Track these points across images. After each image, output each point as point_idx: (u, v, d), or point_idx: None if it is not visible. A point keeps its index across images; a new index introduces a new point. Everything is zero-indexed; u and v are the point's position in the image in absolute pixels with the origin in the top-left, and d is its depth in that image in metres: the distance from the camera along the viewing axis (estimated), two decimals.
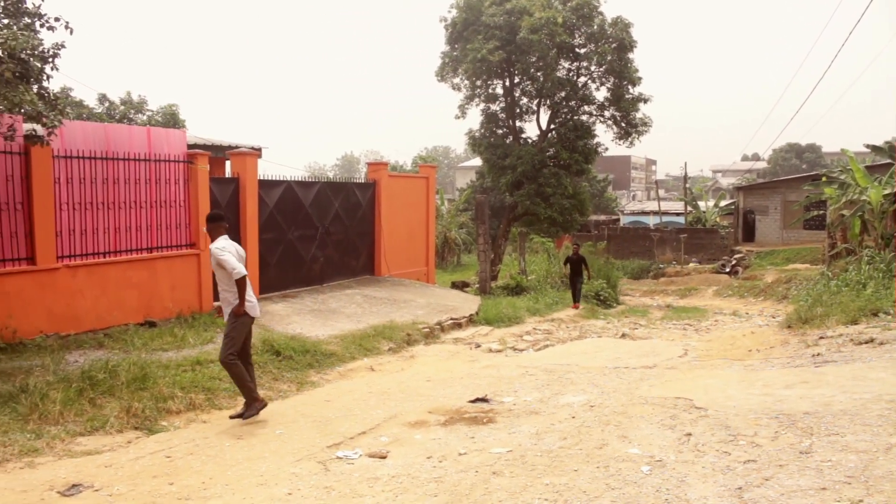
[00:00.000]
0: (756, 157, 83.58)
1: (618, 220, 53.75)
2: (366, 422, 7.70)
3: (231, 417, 7.94)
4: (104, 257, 11.77)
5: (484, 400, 8.54)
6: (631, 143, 27.54)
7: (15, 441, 6.74)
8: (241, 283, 7.83)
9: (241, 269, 7.80)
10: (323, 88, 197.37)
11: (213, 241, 7.99)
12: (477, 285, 23.43)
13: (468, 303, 17.25)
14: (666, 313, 22.72)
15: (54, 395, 7.70)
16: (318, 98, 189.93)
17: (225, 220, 8.19)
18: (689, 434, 6.48)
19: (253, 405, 7.85)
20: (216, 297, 13.63)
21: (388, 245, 18.89)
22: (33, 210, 10.76)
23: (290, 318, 13.44)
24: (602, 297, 23.77)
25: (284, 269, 15.85)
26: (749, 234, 40.88)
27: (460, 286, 23.36)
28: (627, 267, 37.21)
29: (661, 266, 38.13)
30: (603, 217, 51.49)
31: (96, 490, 5.71)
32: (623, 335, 15.52)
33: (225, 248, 7.87)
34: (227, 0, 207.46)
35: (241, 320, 7.89)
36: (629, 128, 26.92)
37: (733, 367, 10.20)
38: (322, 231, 16.82)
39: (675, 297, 28.95)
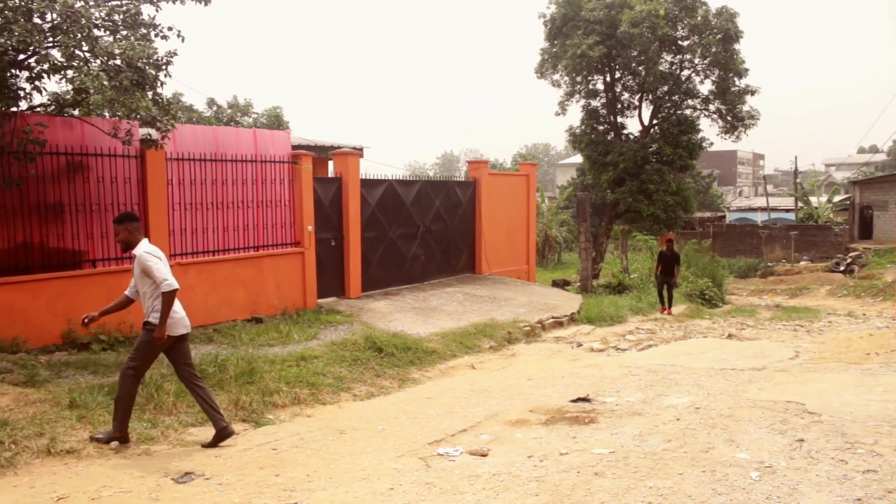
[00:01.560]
0: (874, 150, 79.59)
1: (723, 216, 52.24)
2: (467, 419, 7.69)
3: (203, 446, 6.85)
4: (213, 256, 12.21)
5: (586, 399, 8.42)
6: (737, 137, 26.62)
7: (133, 429, 7.04)
8: (169, 299, 6.62)
9: (172, 281, 6.63)
10: (423, 87, 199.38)
11: (132, 244, 6.81)
12: (578, 284, 23.15)
13: (569, 301, 17.06)
14: (775, 313, 21.87)
15: (168, 387, 8.02)
16: (417, 97, 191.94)
17: (138, 219, 6.97)
18: (802, 440, 6.21)
19: (113, 434, 6.67)
20: (320, 294, 14.04)
21: (489, 243, 18.89)
22: (148, 211, 11.26)
23: (392, 315, 13.61)
24: (707, 296, 23.10)
25: (386, 268, 16.06)
26: (866, 231, 38.97)
27: (561, 284, 23.14)
28: (734, 265, 36.04)
29: (770, 264, 36.78)
30: (708, 214, 50.10)
31: (207, 479, 5.91)
32: (729, 335, 15.03)
33: (154, 254, 6.73)
34: (328, 2, 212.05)
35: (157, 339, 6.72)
36: (735, 121, 26.02)
37: (850, 370, 9.73)
38: (423, 229, 16.95)
39: (784, 297, 27.88)
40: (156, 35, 10.27)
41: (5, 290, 9.72)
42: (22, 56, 9.33)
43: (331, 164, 16.64)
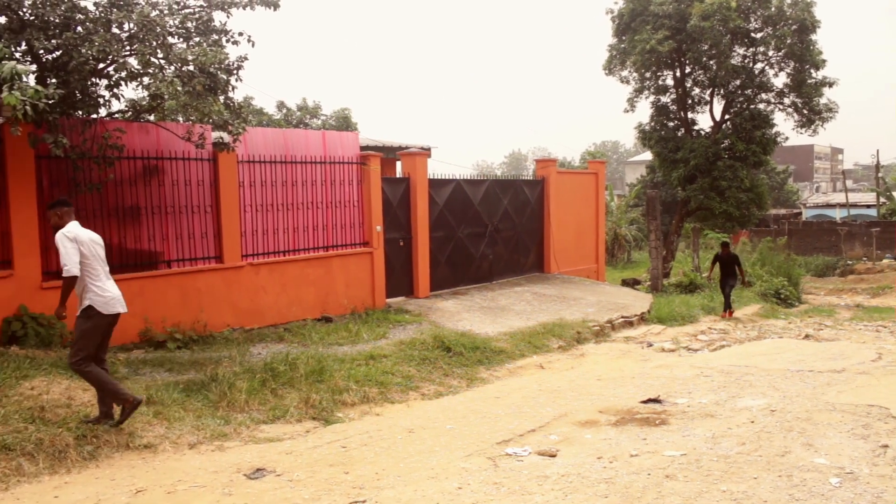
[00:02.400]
0: None
1: (799, 213, 50.79)
2: (535, 419, 7.64)
3: (88, 421, 6.79)
4: (284, 256, 12.41)
5: (656, 401, 8.27)
6: (814, 131, 25.85)
7: (207, 426, 7.22)
8: (66, 284, 6.69)
9: (71, 268, 6.62)
10: (490, 86, 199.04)
11: (60, 227, 6.81)
12: (648, 283, 22.82)
13: (639, 301, 16.81)
14: (855, 313, 21.15)
15: (240, 385, 8.18)
16: (485, 96, 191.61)
17: (69, 204, 7.01)
18: (886, 446, 5.98)
19: (123, 408, 6.81)
20: (389, 294, 14.15)
21: (557, 242, 18.75)
22: (221, 212, 11.51)
23: (461, 314, 13.62)
24: (782, 296, 22.48)
25: (454, 267, 16.09)
26: None
27: (631, 284, 22.83)
28: (810, 264, 34.96)
29: (850, 262, 35.58)
30: (783, 211, 48.75)
31: (278, 475, 6.00)
32: (806, 336, 14.59)
33: (67, 236, 6.70)
34: (396, 4, 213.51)
35: (93, 322, 6.76)
36: (812, 115, 25.26)
37: None
38: (491, 229, 16.93)
39: (865, 297, 26.94)
40: (227, 41, 10.51)
41: None
42: (101, 65, 9.65)
43: (399, 164, 16.77)
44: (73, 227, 6.83)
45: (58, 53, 9.39)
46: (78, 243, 6.72)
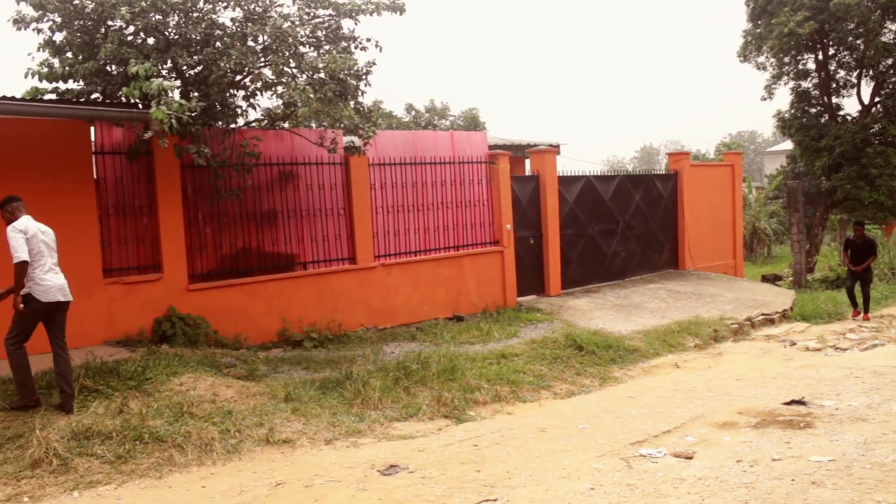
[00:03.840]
0: None
1: None
2: (670, 420, 7.41)
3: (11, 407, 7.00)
4: (415, 256, 12.60)
5: (800, 402, 7.84)
6: None
7: (342, 422, 7.41)
8: (17, 270, 6.86)
9: (21, 255, 6.84)
10: (620, 80, 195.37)
11: (12, 222, 7.05)
12: (790, 278, 21.76)
13: (780, 297, 16.05)
14: None
15: (374, 383, 8.35)
16: (614, 91, 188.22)
17: (17, 200, 7.20)
18: None
19: (22, 401, 6.99)
20: (520, 293, 14.12)
21: (692, 237, 18.19)
22: (353, 214, 11.81)
23: (592, 312, 13.43)
24: None
25: (586, 264, 15.89)
26: None
27: (771, 279, 21.86)
28: None
29: None
30: None
31: (411, 472, 6.07)
32: None
33: (17, 228, 6.94)
34: (519, 1, 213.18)
35: (29, 307, 6.94)
36: None
37: None
38: (623, 225, 16.61)
39: None
40: (355, 47, 10.77)
41: (229, 292, 10.55)
42: (238, 77, 10.12)
43: (527, 162, 16.72)
44: (24, 220, 7.06)
45: (199, 68, 9.90)
46: (25, 235, 6.93)
